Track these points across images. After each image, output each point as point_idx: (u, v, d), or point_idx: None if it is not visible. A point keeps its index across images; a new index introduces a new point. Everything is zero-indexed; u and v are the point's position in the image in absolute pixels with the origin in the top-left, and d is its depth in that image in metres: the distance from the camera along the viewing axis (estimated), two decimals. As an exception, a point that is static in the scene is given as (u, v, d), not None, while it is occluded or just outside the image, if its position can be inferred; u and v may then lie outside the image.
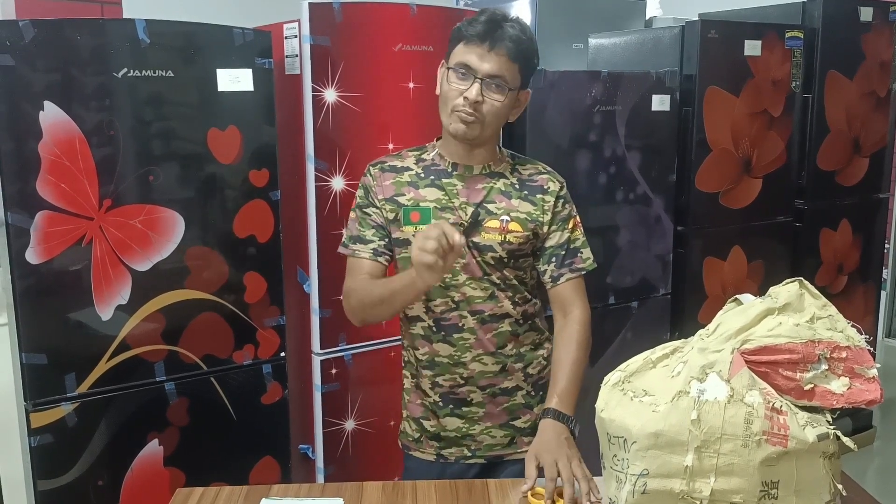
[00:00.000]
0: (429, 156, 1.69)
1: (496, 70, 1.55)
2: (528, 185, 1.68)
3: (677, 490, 1.16)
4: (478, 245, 1.63)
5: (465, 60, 1.55)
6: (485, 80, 1.54)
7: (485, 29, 1.54)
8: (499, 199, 1.65)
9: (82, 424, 1.99)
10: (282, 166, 2.22)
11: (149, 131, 2.01)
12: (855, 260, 3.52)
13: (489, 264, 1.64)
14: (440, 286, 1.63)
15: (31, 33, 1.81)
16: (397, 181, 1.66)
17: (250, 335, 2.21)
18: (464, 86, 1.55)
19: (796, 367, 1.20)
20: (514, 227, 1.64)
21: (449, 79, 1.58)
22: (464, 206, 1.63)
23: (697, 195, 2.96)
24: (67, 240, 1.91)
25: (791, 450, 1.15)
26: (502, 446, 1.73)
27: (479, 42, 1.54)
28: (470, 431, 1.72)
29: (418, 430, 1.76)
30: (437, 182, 1.65)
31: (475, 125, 1.57)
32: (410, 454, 1.79)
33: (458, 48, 1.57)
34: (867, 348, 1.24)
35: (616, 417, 1.23)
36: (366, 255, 1.66)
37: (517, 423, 1.73)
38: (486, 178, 1.66)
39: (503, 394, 1.71)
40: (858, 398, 1.21)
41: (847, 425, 3.61)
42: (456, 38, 1.59)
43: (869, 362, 1.23)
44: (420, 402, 1.75)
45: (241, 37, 2.08)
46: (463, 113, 1.56)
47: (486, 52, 1.54)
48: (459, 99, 1.56)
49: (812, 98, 3.22)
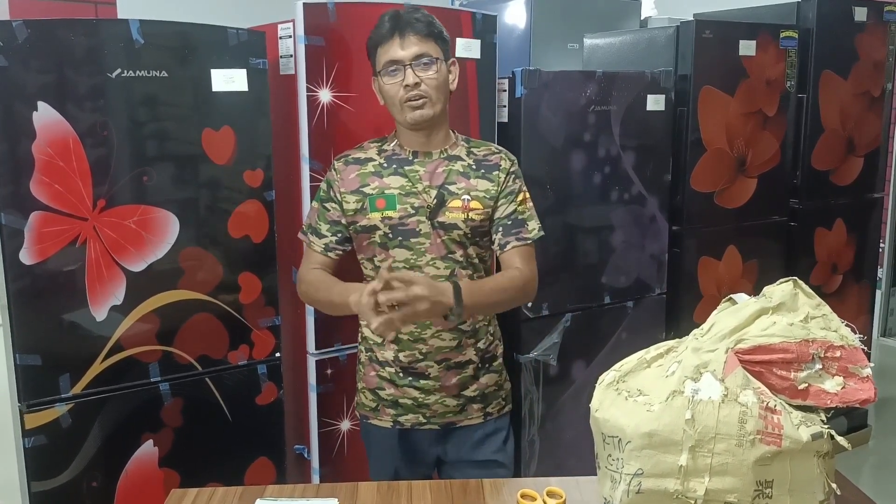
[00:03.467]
0: (389, 146, 1.84)
1: (417, 51, 1.71)
2: (483, 165, 1.82)
3: (672, 489, 1.17)
4: (443, 224, 1.77)
5: (389, 58, 1.71)
6: (412, 64, 1.70)
7: (390, 25, 1.72)
8: (458, 179, 1.79)
9: (77, 425, 1.99)
10: (276, 166, 2.21)
11: (143, 132, 2.00)
12: (849, 259, 3.52)
13: (455, 241, 1.78)
14: (405, 267, 1.76)
15: (25, 34, 1.81)
16: (361, 172, 1.81)
17: (245, 335, 2.21)
18: (398, 78, 1.72)
19: (790, 367, 1.20)
20: (475, 205, 1.78)
21: (385, 82, 1.74)
22: (427, 190, 1.77)
23: (692, 195, 2.97)
24: (61, 240, 1.91)
25: (785, 449, 1.15)
26: (454, 413, 1.87)
27: (391, 37, 1.71)
28: (426, 401, 1.85)
29: (374, 399, 1.90)
30: (400, 170, 1.79)
31: (426, 104, 1.73)
32: (368, 422, 1.94)
33: (377, 55, 1.75)
34: (861, 348, 1.24)
35: (610, 417, 1.23)
36: (318, 249, 1.86)
37: (467, 392, 1.87)
38: (445, 161, 1.81)
39: (457, 367, 1.84)
40: (852, 397, 1.21)
41: (842, 424, 3.62)
42: (372, 47, 1.76)
43: (863, 361, 1.23)
44: (375, 374, 1.89)
45: (236, 37, 2.08)
46: (410, 101, 1.72)
47: (401, 41, 1.71)
48: (400, 90, 1.71)
49: (806, 98, 3.23)
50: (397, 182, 1.79)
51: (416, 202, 1.77)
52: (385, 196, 1.78)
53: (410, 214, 1.77)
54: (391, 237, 1.78)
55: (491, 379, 1.91)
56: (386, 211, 1.77)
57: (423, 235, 1.77)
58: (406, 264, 1.77)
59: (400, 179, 1.79)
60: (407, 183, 1.78)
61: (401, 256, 1.78)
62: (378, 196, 1.78)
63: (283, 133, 2.28)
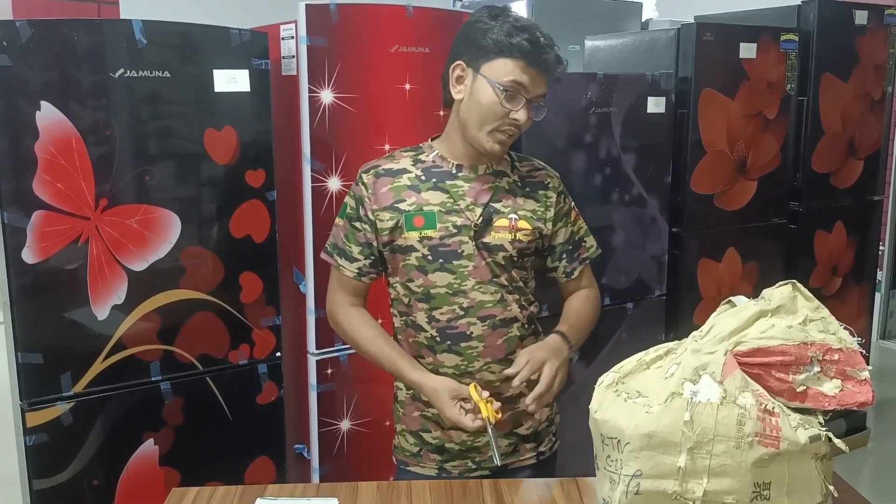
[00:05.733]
0: (428, 157, 1.63)
1: (543, 91, 1.55)
2: (529, 182, 1.67)
3: (670, 490, 1.17)
4: (488, 246, 1.60)
5: (518, 80, 1.50)
6: (532, 101, 1.53)
7: (539, 51, 1.50)
8: (505, 197, 1.62)
9: (78, 424, 1.99)
10: (278, 167, 2.22)
11: (145, 131, 2.01)
12: (849, 262, 3.53)
13: (499, 265, 1.61)
14: (447, 293, 1.60)
15: (28, 33, 1.82)
16: (395, 186, 1.60)
17: (246, 335, 2.21)
18: (512, 105, 1.51)
19: (789, 369, 1.21)
20: (522, 224, 1.62)
21: (493, 95, 1.51)
22: (472, 207, 1.59)
23: (692, 196, 2.97)
24: (63, 239, 1.92)
25: (783, 451, 1.16)
26: (506, 455, 1.67)
27: (531, 64, 1.50)
28: (475, 444, 1.66)
29: (417, 443, 1.69)
30: (441, 185, 1.60)
31: (511, 142, 1.58)
32: (408, 469, 1.72)
33: (501, 62, 1.51)
34: (859, 350, 1.25)
35: (609, 418, 1.23)
36: (350, 274, 1.66)
37: (520, 430, 1.69)
38: (491, 177, 1.63)
39: (508, 402, 1.64)
40: (850, 400, 1.22)
41: (841, 426, 3.62)
42: (495, 49, 1.51)
43: (861, 364, 1.24)
44: (419, 414, 1.68)
45: (238, 37, 2.09)
46: (506, 134, 1.55)
47: (537, 75, 1.51)
48: (504, 120, 1.53)
49: (807, 100, 3.23)
50: (437, 198, 1.59)
51: (459, 220, 1.58)
52: (424, 213, 1.58)
53: (452, 234, 1.58)
54: (430, 259, 1.59)
55: (544, 413, 1.71)
56: (425, 230, 1.58)
57: (465, 257, 1.59)
58: (450, 290, 1.59)
59: (440, 195, 1.59)
60: (448, 199, 1.59)
61: (442, 281, 1.59)
62: (416, 213, 1.58)
63: (285, 133, 2.29)
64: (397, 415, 1.75)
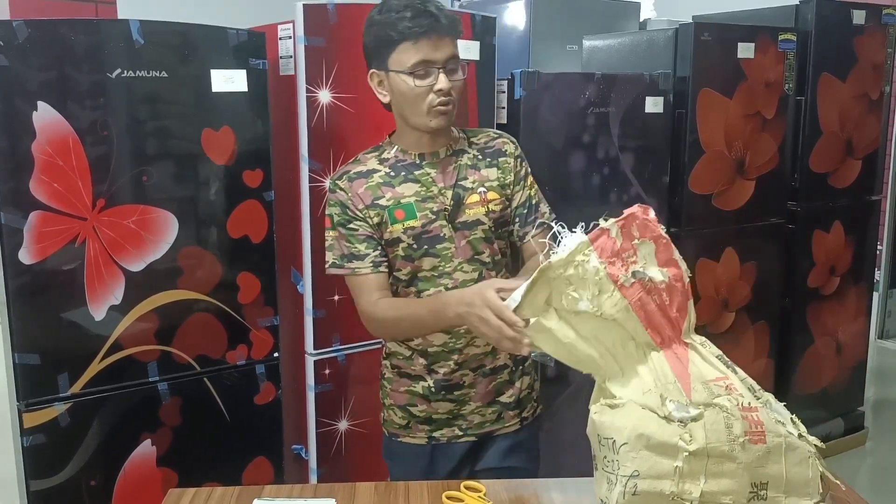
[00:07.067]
0: (390, 154, 1.70)
1: (449, 53, 1.59)
2: (488, 153, 1.73)
3: (667, 491, 1.17)
4: (466, 224, 1.67)
5: (422, 58, 1.56)
6: (445, 67, 1.58)
7: (424, 22, 1.56)
8: (469, 173, 1.69)
9: (75, 424, 1.99)
10: (276, 167, 2.22)
11: (143, 131, 2.01)
12: (847, 261, 3.53)
13: (481, 240, 1.68)
14: (433, 275, 1.67)
15: (25, 33, 1.81)
16: (370, 185, 1.66)
17: (244, 335, 2.21)
18: (429, 81, 1.58)
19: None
20: (491, 195, 1.69)
21: (408, 82, 1.58)
22: (443, 192, 1.67)
23: (690, 196, 2.97)
24: (61, 240, 1.91)
25: (772, 445, 1.17)
26: (491, 422, 1.77)
27: (422, 35, 1.55)
28: (461, 412, 1.75)
29: (405, 416, 1.78)
30: (410, 176, 1.67)
31: (452, 110, 1.62)
32: (399, 440, 1.80)
33: (397, 52, 1.58)
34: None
35: (607, 419, 1.24)
36: (367, 270, 1.66)
37: (502, 398, 1.78)
38: (453, 157, 1.70)
39: (492, 373, 1.75)
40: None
41: (839, 426, 3.63)
42: (387, 41, 1.59)
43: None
44: (405, 390, 1.76)
45: (236, 37, 2.08)
46: (440, 106, 1.59)
47: (435, 40, 1.56)
48: (431, 95, 1.59)
49: (805, 100, 3.23)
50: (411, 189, 1.66)
51: (435, 206, 1.66)
52: (402, 206, 1.65)
53: (432, 220, 1.66)
54: (416, 248, 1.66)
55: (524, 382, 1.81)
56: (407, 221, 1.65)
57: (447, 240, 1.67)
58: (434, 272, 1.67)
59: (413, 186, 1.66)
60: (421, 188, 1.66)
61: (428, 265, 1.67)
62: (396, 207, 1.65)
63: (283, 133, 2.29)
64: (384, 391, 1.82)
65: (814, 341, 3.49)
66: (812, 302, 3.45)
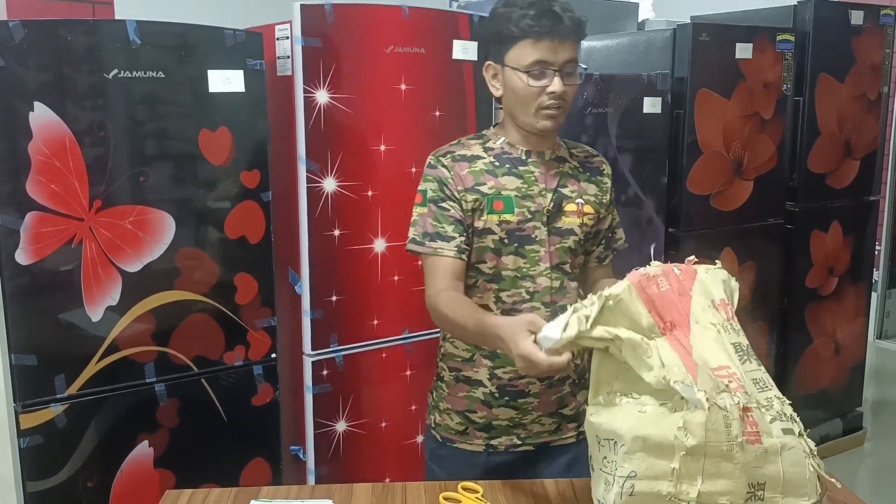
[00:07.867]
0: (495, 144, 1.66)
1: (569, 56, 1.56)
2: (588, 168, 1.72)
3: (665, 492, 1.17)
4: (560, 230, 1.65)
5: (539, 58, 1.53)
6: (562, 70, 1.55)
7: (547, 22, 1.52)
8: (570, 182, 1.68)
9: (72, 426, 1.99)
10: (273, 167, 2.21)
11: (140, 132, 2.00)
12: (846, 262, 3.53)
13: (568, 249, 1.66)
14: (516, 276, 1.63)
15: (22, 34, 1.81)
16: (473, 170, 1.63)
17: (241, 336, 2.21)
18: (543, 82, 1.55)
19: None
20: (588, 209, 1.68)
21: (523, 80, 1.55)
22: (543, 193, 1.64)
23: (689, 197, 2.97)
24: (57, 240, 1.91)
25: (768, 446, 1.16)
26: (549, 433, 1.73)
27: (545, 37, 1.52)
28: (522, 421, 1.70)
29: (463, 422, 1.72)
30: (514, 170, 1.64)
31: (561, 114, 1.60)
32: (454, 445, 1.74)
33: (517, 48, 1.54)
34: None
35: (604, 420, 1.23)
36: (450, 254, 1.60)
37: (564, 410, 1.73)
38: (555, 162, 1.67)
39: (557, 384, 1.70)
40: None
41: (837, 427, 3.63)
42: (508, 36, 1.55)
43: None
44: (465, 395, 1.70)
45: (233, 38, 2.08)
46: (551, 109, 1.57)
47: (556, 43, 1.53)
48: (543, 97, 1.56)
49: (803, 101, 3.24)
50: (512, 183, 1.62)
51: (533, 206, 1.62)
52: (502, 198, 1.61)
53: (528, 219, 1.62)
54: (506, 243, 1.62)
55: (584, 395, 1.71)
56: (504, 214, 1.61)
57: (538, 243, 1.63)
58: (518, 273, 1.63)
59: (515, 180, 1.62)
60: (522, 184, 1.62)
61: (513, 265, 1.63)
62: (496, 197, 1.61)
63: (280, 134, 2.28)
64: (440, 393, 1.76)
65: (812, 342, 3.50)
66: (810, 302, 3.46)
